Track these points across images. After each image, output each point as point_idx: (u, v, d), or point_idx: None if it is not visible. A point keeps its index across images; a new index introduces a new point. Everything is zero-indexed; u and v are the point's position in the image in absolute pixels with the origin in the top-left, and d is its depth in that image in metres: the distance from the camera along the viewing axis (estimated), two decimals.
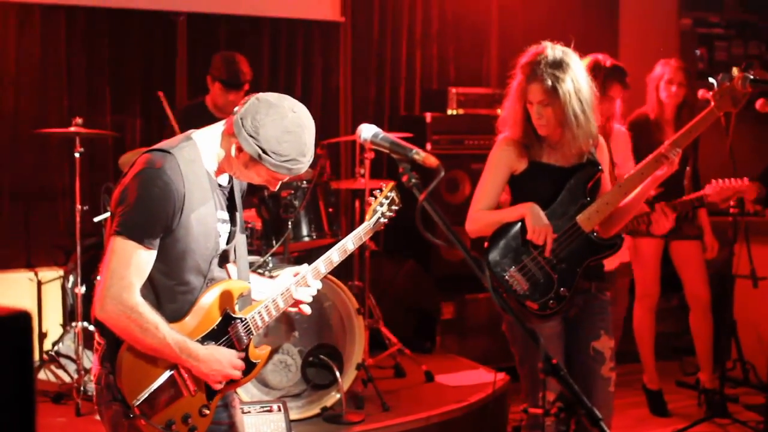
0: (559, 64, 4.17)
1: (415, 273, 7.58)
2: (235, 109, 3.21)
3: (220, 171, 3.33)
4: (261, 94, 3.20)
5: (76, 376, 5.93)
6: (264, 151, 3.15)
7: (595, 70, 5.01)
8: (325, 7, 8.15)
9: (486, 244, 4.33)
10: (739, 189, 5.44)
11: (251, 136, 3.14)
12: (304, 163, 3.23)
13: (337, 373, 5.59)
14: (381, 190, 3.75)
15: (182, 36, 7.65)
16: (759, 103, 5.99)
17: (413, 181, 2.76)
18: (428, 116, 7.70)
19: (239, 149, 3.19)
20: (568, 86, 4.14)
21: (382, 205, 3.73)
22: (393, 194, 3.77)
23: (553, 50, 4.22)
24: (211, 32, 7.79)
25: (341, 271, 5.95)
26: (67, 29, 7.31)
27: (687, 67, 6.60)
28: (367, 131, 3.03)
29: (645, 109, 6.58)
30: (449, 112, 7.90)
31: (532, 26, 8.75)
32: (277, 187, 3.35)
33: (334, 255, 3.60)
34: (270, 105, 3.16)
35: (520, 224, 4.27)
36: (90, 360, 5.99)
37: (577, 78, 4.18)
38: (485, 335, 7.49)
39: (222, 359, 3.27)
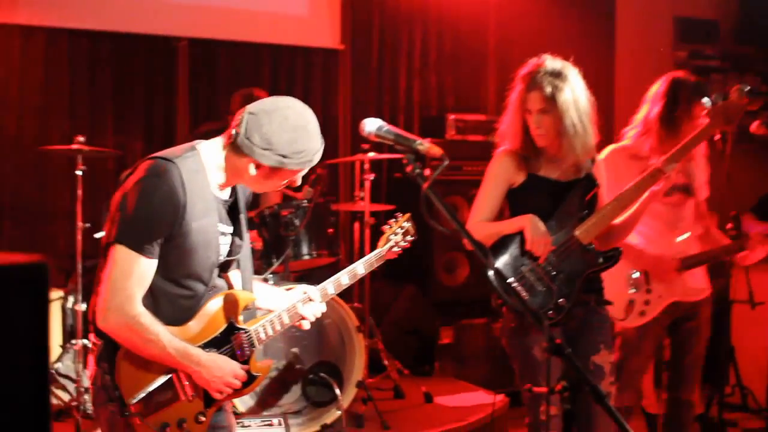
0: (558, 74, 4.22)
1: (415, 297, 7.58)
2: (234, 129, 3.20)
3: (226, 185, 3.34)
4: (252, 107, 3.21)
5: (75, 395, 5.92)
6: (284, 156, 3.17)
7: (676, 89, 4.96)
8: (325, 35, 8.23)
9: None
10: None
11: (266, 149, 3.15)
12: (320, 149, 3.28)
13: (337, 391, 5.59)
14: (396, 219, 3.78)
15: (183, 61, 7.71)
16: (754, 125, 6.01)
17: (417, 171, 2.79)
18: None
19: (257, 166, 3.20)
20: (566, 95, 4.18)
21: (396, 234, 3.78)
22: (408, 225, 3.82)
23: (553, 61, 4.28)
24: (212, 58, 7.87)
25: (342, 293, 5.96)
26: (70, 52, 7.39)
27: None
28: (371, 124, 3.06)
29: None
30: (447, 138, 7.94)
31: (529, 56, 8.77)
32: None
33: (344, 278, 3.65)
34: (268, 113, 3.18)
35: (519, 236, 4.28)
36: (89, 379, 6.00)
37: (575, 89, 4.23)
38: (483, 360, 7.49)
39: (224, 367, 3.28)
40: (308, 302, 3.55)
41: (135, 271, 3.09)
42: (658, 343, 5.22)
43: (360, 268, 3.68)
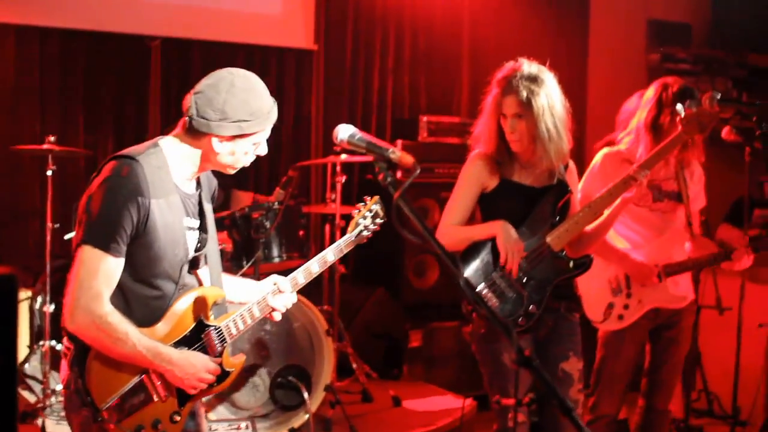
0: (534, 79, 4.22)
1: (384, 300, 7.57)
2: (187, 115, 3.22)
3: (198, 172, 3.35)
4: (196, 87, 3.24)
5: (42, 396, 5.89)
6: (242, 120, 3.20)
7: (662, 94, 4.95)
8: (299, 35, 8.21)
9: None
10: None
11: (222, 119, 3.18)
12: (274, 107, 3.33)
13: (305, 395, 5.58)
14: (365, 203, 3.77)
15: (156, 60, 7.67)
16: (724, 131, 6.04)
17: (389, 179, 2.78)
18: (399, 143, 7.74)
19: (219, 140, 3.22)
20: (542, 100, 4.19)
21: (365, 218, 3.75)
22: (377, 207, 3.80)
23: (529, 66, 4.28)
24: (185, 57, 7.83)
25: (311, 296, 5.97)
26: (41, 50, 7.33)
27: None
28: (344, 132, 3.06)
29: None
30: (420, 140, 7.93)
31: (503, 57, 8.77)
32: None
33: (314, 265, 3.63)
34: (214, 86, 3.20)
35: (490, 242, 4.29)
36: (56, 381, 5.95)
37: (551, 94, 4.23)
38: (452, 363, 7.50)
39: (196, 363, 3.28)
40: (278, 293, 3.53)
41: (101, 270, 3.09)
42: (640, 350, 5.20)
43: (330, 254, 3.66)
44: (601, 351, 5.08)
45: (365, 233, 3.76)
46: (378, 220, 3.79)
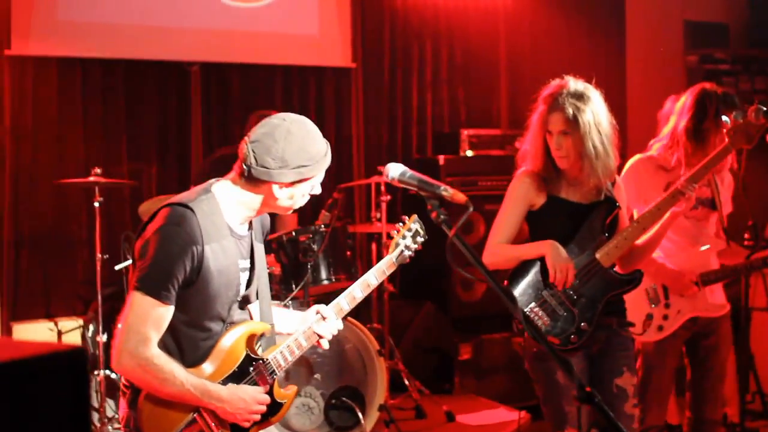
0: (580, 96, 4.20)
1: (433, 314, 7.59)
2: (244, 164, 3.25)
3: (257, 215, 3.40)
4: (251, 137, 3.26)
5: (99, 425, 5.94)
6: (302, 166, 3.24)
7: (704, 101, 4.93)
8: (337, 54, 8.25)
9: (506, 282, 4.34)
10: None
11: (282, 167, 3.21)
12: (328, 147, 3.36)
13: (360, 415, 5.60)
14: (404, 223, 3.77)
15: (196, 85, 7.74)
16: None
17: (442, 217, 2.80)
18: (441, 159, 7.75)
19: (280, 187, 3.25)
20: (588, 117, 4.16)
21: (405, 237, 3.73)
22: (417, 226, 3.77)
23: (575, 83, 4.26)
24: (224, 81, 7.89)
25: (361, 315, 6.00)
26: (83, 81, 7.42)
27: None
28: (394, 170, 3.08)
29: None
30: (462, 153, 7.94)
31: (541, 66, 8.85)
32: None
33: (356, 290, 3.64)
34: (270, 134, 3.23)
35: (540, 260, 4.26)
36: (112, 409, 6.01)
37: (597, 111, 4.20)
38: (502, 375, 7.49)
39: (246, 397, 3.31)
40: (322, 321, 3.55)
41: (151, 316, 3.14)
42: (680, 359, 5.19)
43: (372, 278, 3.67)
44: (643, 363, 5.05)
45: (407, 253, 3.73)
46: (419, 239, 3.77)
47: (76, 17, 7.25)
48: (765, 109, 4.31)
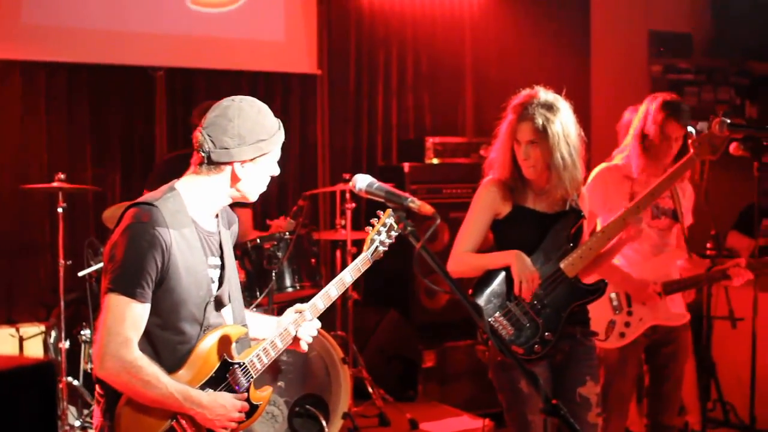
0: (550, 107, 4.22)
1: (397, 322, 7.59)
2: (201, 151, 3.27)
3: (216, 211, 3.40)
4: (204, 123, 3.29)
5: None
6: (260, 140, 3.27)
7: (649, 108, 4.99)
8: (302, 61, 8.24)
9: (470, 291, 4.35)
10: None
11: (241, 143, 3.25)
12: (280, 123, 3.39)
13: (324, 423, 5.59)
14: (378, 218, 3.76)
15: (161, 90, 7.71)
16: (732, 147, 6.06)
17: (409, 228, 2.81)
18: (406, 166, 7.76)
19: (242, 164, 3.28)
20: (557, 128, 4.18)
21: (379, 233, 3.71)
22: (391, 220, 3.74)
23: (545, 94, 4.28)
24: (190, 86, 7.85)
25: (325, 322, 5.97)
26: (47, 85, 7.35)
27: None
28: (362, 181, 3.08)
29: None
30: (427, 161, 7.95)
31: (506, 75, 8.91)
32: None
33: (332, 289, 3.64)
34: (223, 115, 3.27)
35: (505, 270, 4.28)
36: (74, 416, 5.97)
37: (566, 122, 4.22)
38: (466, 382, 7.51)
39: (226, 404, 3.30)
40: (302, 322, 3.56)
41: (128, 316, 3.12)
42: (640, 367, 5.24)
43: (347, 276, 3.67)
44: (605, 371, 5.08)
45: (381, 248, 3.72)
46: (393, 233, 3.74)
47: (41, 21, 7.18)
48: (729, 121, 4.34)
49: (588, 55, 9.78)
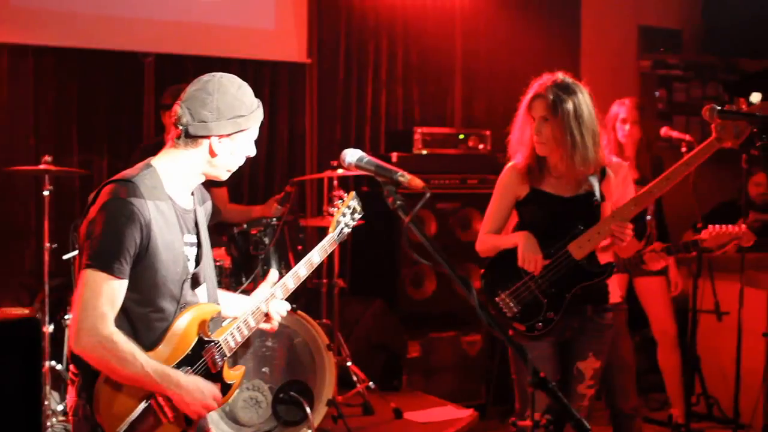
0: (566, 88, 4.38)
1: (382, 312, 7.57)
2: (179, 126, 3.27)
3: (192, 187, 3.41)
4: (183, 97, 3.29)
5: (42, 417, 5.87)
6: (238, 116, 3.28)
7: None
8: (292, 49, 8.21)
9: (482, 270, 4.60)
10: (736, 235, 5.46)
11: (219, 118, 3.25)
12: (259, 102, 3.42)
13: (308, 410, 5.58)
14: (342, 200, 3.82)
15: (150, 76, 7.67)
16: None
17: (398, 202, 2.81)
18: (394, 156, 7.73)
19: (219, 139, 3.28)
20: (568, 106, 4.32)
21: (344, 215, 3.86)
22: (355, 203, 3.91)
23: (565, 78, 4.44)
24: (179, 73, 7.79)
25: (311, 310, 5.98)
26: (35, 69, 7.30)
27: (641, 105, 6.58)
28: (351, 155, 3.08)
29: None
30: (415, 151, 7.93)
31: (495, 67, 8.93)
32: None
33: (301, 269, 3.68)
34: (202, 89, 3.27)
35: (515, 250, 4.43)
36: (56, 401, 5.94)
37: (580, 104, 4.36)
38: (451, 373, 7.52)
39: (204, 389, 3.30)
40: (271, 300, 3.58)
41: (105, 291, 3.11)
42: None
43: (315, 256, 3.73)
44: None
45: (346, 230, 3.85)
46: (356, 216, 3.91)
47: (30, 4, 7.13)
48: (719, 108, 4.35)
49: (578, 50, 9.78)
